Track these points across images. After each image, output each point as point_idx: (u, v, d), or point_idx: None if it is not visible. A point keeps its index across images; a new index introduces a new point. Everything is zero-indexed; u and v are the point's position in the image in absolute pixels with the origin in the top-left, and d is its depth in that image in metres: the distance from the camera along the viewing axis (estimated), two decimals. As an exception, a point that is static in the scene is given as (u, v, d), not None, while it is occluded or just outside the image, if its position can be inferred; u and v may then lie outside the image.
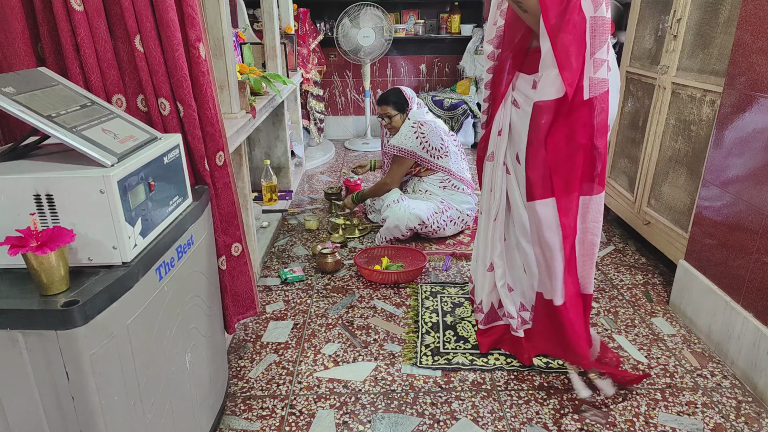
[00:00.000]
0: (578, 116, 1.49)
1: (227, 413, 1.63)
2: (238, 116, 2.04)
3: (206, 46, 1.42)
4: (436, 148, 2.80)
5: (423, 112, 2.91)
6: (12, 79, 1.05)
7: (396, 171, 2.89)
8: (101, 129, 1.08)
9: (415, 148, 2.78)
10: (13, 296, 0.93)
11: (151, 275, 1.08)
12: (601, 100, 1.47)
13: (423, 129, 2.79)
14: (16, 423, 0.96)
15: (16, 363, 0.91)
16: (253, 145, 3.54)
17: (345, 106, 5.28)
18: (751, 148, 1.73)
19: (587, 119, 1.49)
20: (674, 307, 2.17)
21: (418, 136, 2.78)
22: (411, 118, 2.85)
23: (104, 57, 1.28)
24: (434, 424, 1.59)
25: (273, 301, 2.27)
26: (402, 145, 2.80)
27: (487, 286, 1.92)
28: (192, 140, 1.42)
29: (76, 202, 0.97)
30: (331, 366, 1.85)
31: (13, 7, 1.19)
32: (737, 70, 1.80)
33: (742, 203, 1.76)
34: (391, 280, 2.40)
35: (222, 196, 1.55)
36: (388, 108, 2.90)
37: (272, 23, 3.13)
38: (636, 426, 1.57)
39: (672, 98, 2.36)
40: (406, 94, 2.91)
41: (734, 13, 1.97)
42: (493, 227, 1.85)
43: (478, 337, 1.95)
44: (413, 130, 2.80)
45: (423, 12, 5.00)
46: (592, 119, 1.49)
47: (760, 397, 1.67)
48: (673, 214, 2.35)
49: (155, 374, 1.11)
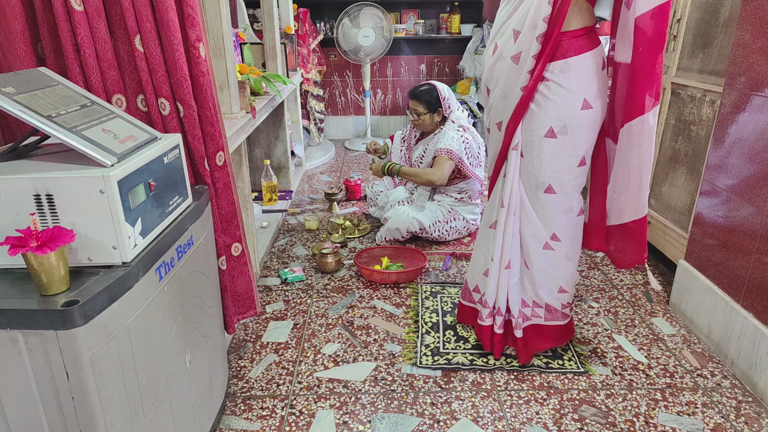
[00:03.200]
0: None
1: (227, 413, 1.63)
2: (238, 116, 2.04)
3: (206, 46, 1.42)
4: (474, 156, 2.73)
5: (466, 116, 2.82)
6: (12, 79, 1.05)
7: (444, 168, 2.68)
8: (101, 129, 1.08)
9: (461, 152, 2.67)
10: (13, 296, 0.93)
11: (151, 275, 1.08)
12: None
13: (467, 135, 2.71)
14: (16, 423, 0.96)
15: (16, 363, 0.91)
16: (253, 145, 3.54)
17: (345, 106, 5.28)
18: (751, 148, 1.73)
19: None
20: (674, 307, 2.17)
21: (464, 140, 2.68)
22: (456, 121, 2.74)
23: (104, 57, 1.28)
24: (434, 424, 1.59)
25: (273, 301, 2.27)
26: (451, 147, 2.65)
27: (504, 286, 1.81)
28: (192, 140, 1.42)
29: (76, 202, 0.97)
30: (331, 366, 1.85)
31: (13, 7, 1.19)
32: (737, 70, 1.80)
33: (743, 203, 1.76)
34: (391, 280, 2.40)
35: (222, 196, 1.55)
36: (419, 105, 2.75)
37: (272, 23, 3.13)
38: (636, 426, 1.57)
39: (672, 98, 2.36)
40: (441, 94, 2.73)
41: (734, 13, 1.97)
42: (513, 222, 1.75)
43: (497, 344, 1.85)
44: (459, 133, 2.69)
45: (423, 12, 5.00)
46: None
47: (760, 397, 1.67)
48: (673, 214, 2.35)
49: (155, 374, 1.11)
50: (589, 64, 1.58)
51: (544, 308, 1.80)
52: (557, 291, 1.78)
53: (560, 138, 1.61)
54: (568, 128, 1.59)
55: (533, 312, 1.82)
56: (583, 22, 1.59)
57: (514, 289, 1.81)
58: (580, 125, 1.59)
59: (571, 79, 1.57)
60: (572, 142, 1.61)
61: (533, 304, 1.81)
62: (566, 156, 1.63)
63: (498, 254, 1.78)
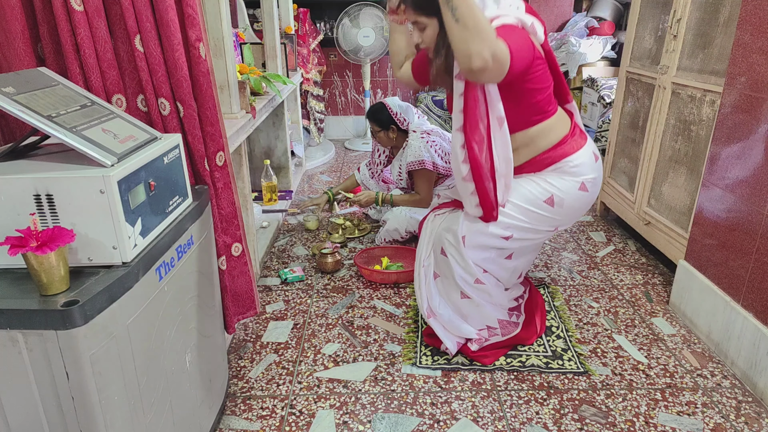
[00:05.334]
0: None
1: (227, 413, 1.63)
2: (238, 116, 2.04)
3: (207, 45, 1.42)
4: (446, 153, 2.77)
5: (423, 121, 2.88)
6: (12, 79, 1.05)
7: (424, 184, 2.80)
8: (101, 129, 1.08)
9: (432, 156, 2.73)
10: (13, 296, 0.93)
11: (151, 275, 1.08)
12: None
13: (431, 137, 2.76)
14: (16, 423, 0.96)
15: (16, 363, 0.91)
16: (253, 145, 3.54)
17: (345, 106, 5.28)
18: (751, 148, 1.73)
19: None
20: (674, 307, 2.17)
21: (430, 143, 2.73)
22: (417, 129, 2.80)
23: (104, 57, 1.28)
24: (434, 424, 1.59)
25: (273, 301, 2.27)
26: (421, 156, 2.72)
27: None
28: (192, 140, 1.42)
29: (76, 202, 0.97)
30: (331, 366, 1.85)
31: (13, 7, 1.19)
32: (737, 70, 1.80)
33: (743, 203, 1.76)
34: (391, 280, 2.40)
35: (222, 197, 1.55)
36: (373, 124, 2.89)
37: (272, 23, 3.13)
38: (636, 426, 1.57)
39: (672, 98, 2.36)
40: (392, 111, 2.83)
41: (734, 12, 1.96)
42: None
43: (482, 360, 1.86)
44: (423, 140, 2.74)
45: (423, 12, 4.99)
46: None
47: (760, 397, 1.67)
48: (673, 214, 2.35)
49: (155, 374, 1.11)
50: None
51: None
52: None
53: None
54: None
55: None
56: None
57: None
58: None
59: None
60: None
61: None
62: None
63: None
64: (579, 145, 1.74)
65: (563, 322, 2.08)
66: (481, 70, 1.36)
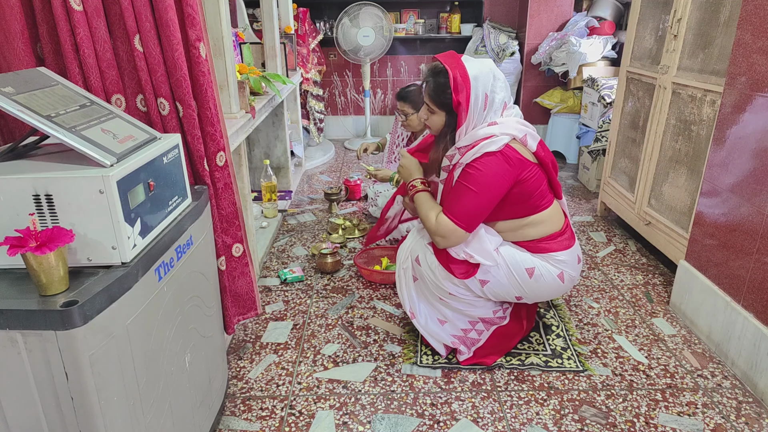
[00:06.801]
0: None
1: (227, 414, 1.63)
2: (238, 116, 2.03)
3: (207, 45, 1.41)
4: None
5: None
6: (11, 79, 1.04)
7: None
8: (100, 129, 1.08)
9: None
10: (13, 296, 0.92)
11: (151, 275, 1.07)
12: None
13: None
14: (16, 423, 0.95)
15: (15, 363, 0.90)
16: (252, 145, 3.54)
17: (345, 106, 5.28)
18: (751, 148, 1.73)
19: None
20: (675, 308, 2.17)
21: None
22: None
23: (103, 57, 1.28)
24: (434, 424, 1.58)
25: (273, 301, 2.27)
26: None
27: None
28: (191, 140, 1.42)
29: (76, 202, 0.97)
30: (331, 366, 1.84)
31: (12, 7, 1.19)
32: (738, 69, 1.80)
33: (743, 203, 1.76)
34: (391, 281, 2.39)
35: (223, 197, 1.55)
36: (405, 106, 2.75)
37: (272, 23, 3.13)
38: (636, 426, 1.57)
39: (672, 98, 2.35)
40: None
41: (734, 12, 1.96)
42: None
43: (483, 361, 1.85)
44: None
45: (423, 11, 4.99)
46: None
47: (761, 398, 1.67)
48: (673, 214, 2.35)
49: (155, 374, 1.11)
50: None
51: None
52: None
53: None
54: None
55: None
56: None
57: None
58: None
59: None
60: None
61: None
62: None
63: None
64: (568, 244, 1.77)
65: (563, 322, 2.08)
66: (439, 245, 1.70)
